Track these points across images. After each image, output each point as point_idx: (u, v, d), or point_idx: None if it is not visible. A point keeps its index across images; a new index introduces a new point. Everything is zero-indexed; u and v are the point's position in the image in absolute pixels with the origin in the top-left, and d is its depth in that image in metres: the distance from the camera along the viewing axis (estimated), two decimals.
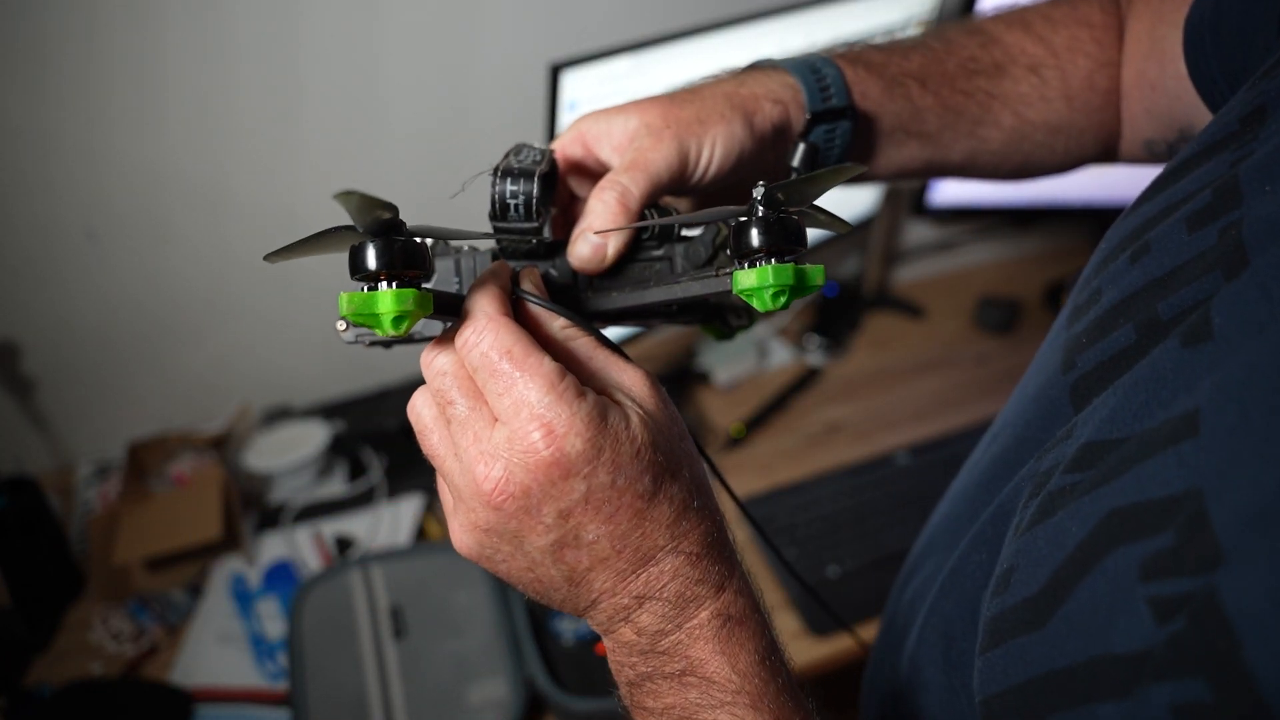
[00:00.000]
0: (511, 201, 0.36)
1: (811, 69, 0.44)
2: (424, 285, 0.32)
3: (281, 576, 0.96)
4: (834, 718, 0.51)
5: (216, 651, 0.89)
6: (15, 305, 0.98)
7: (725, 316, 0.45)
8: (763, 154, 0.42)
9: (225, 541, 0.95)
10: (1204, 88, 0.42)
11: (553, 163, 0.38)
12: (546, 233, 0.39)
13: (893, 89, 0.45)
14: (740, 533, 1.01)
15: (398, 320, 0.31)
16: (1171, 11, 0.44)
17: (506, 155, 0.37)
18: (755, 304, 0.32)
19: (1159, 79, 0.45)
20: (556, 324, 0.34)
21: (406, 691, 0.80)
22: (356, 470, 1.07)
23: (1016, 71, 0.48)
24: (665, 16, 0.97)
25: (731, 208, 0.33)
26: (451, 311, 0.34)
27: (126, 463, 1.00)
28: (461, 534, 0.33)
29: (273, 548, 0.99)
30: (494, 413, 0.32)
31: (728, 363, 1.23)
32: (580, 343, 0.34)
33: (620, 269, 0.40)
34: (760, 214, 0.32)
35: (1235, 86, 0.38)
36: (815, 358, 1.28)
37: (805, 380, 1.23)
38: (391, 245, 0.31)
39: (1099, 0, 0.49)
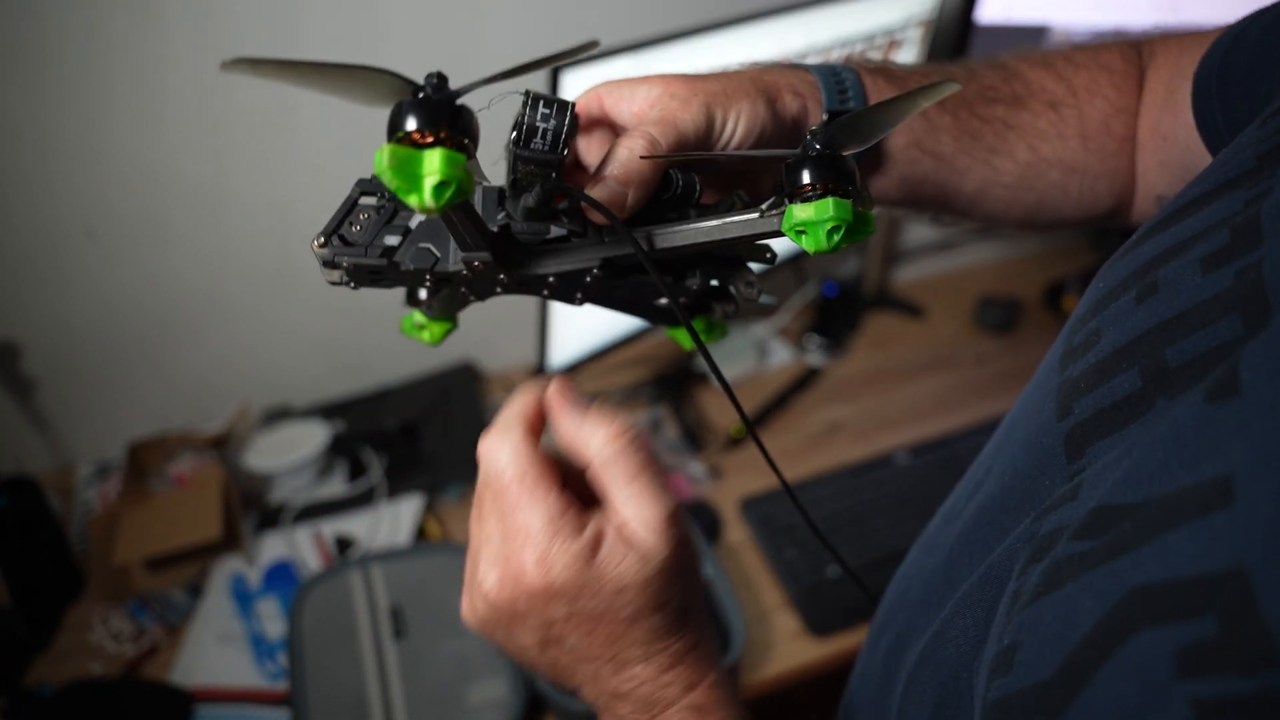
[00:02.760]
0: (541, 126, 0.34)
1: (831, 71, 0.44)
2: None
3: (281, 576, 0.96)
4: (834, 718, 0.51)
5: (216, 651, 0.89)
6: (15, 305, 0.98)
7: (727, 291, 0.42)
8: (780, 140, 0.42)
9: (225, 541, 0.95)
10: (1210, 138, 0.42)
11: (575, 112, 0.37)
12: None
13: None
14: (740, 533, 1.01)
15: (440, 188, 0.27)
16: (1188, 65, 0.44)
17: (529, 94, 0.35)
18: (807, 242, 0.31)
19: (1172, 130, 0.45)
20: (600, 436, 0.35)
21: (406, 691, 0.80)
22: (356, 470, 1.07)
23: (1035, 106, 0.47)
24: (665, 16, 0.97)
25: (782, 150, 0.32)
26: (465, 231, 0.33)
27: (126, 463, 1.00)
28: (467, 609, 0.37)
29: (273, 548, 0.99)
30: (500, 527, 0.35)
31: (728, 363, 1.23)
32: (620, 466, 0.35)
33: (630, 226, 0.38)
34: (817, 149, 0.31)
35: (1237, 135, 0.37)
36: (815, 358, 1.28)
37: (805, 380, 1.23)
38: (451, 102, 0.28)
39: (1121, 49, 0.49)
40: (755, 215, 0.34)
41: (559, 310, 0.97)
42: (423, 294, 0.41)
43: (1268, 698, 0.19)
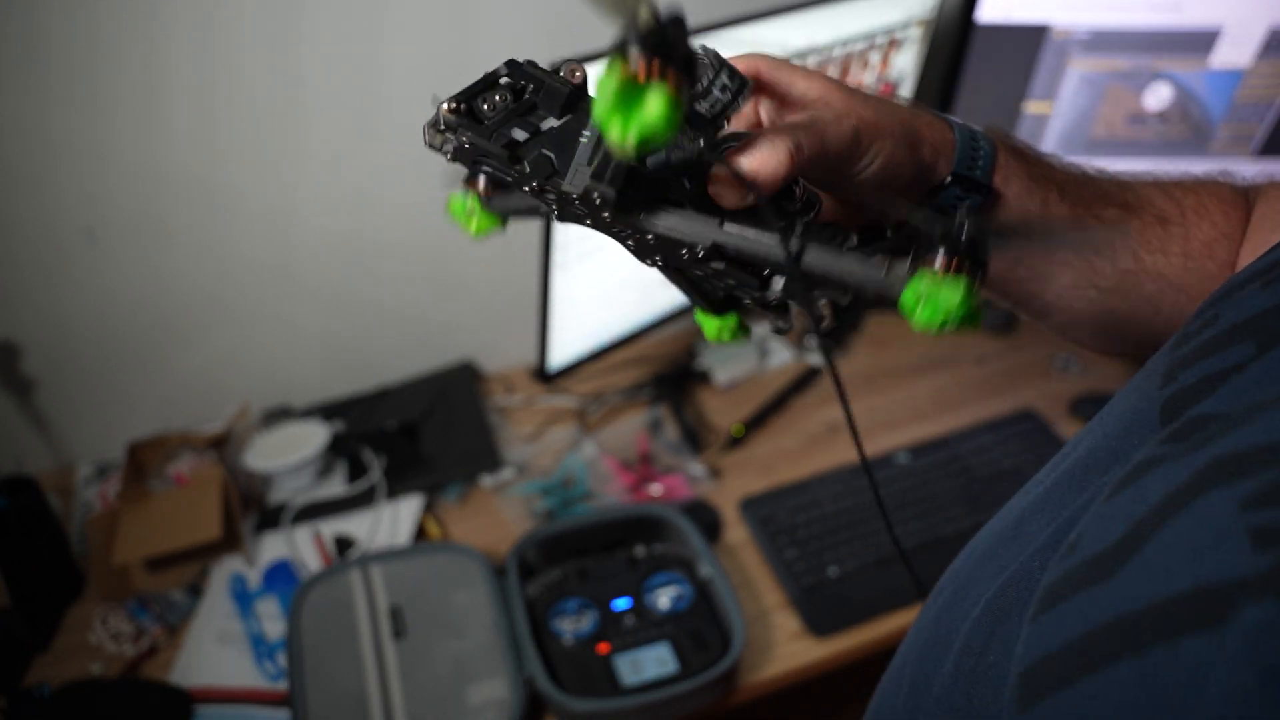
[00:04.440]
0: (716, 92, 0.33)
1: (970, 136, 0.44)
2: None
3: (281, 576, 0.96)
4: (834, 717, 0.50)
5: (216, 651, 0.89)
6: (15, 305, 0.98)
7: (786, 308, 0.40)
8: (908, 187, 0.42)
9: (225, 541, 0.95)
10: None
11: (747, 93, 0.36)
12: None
13: (1034, 186, 0.45)
14: (740, 533, 1.01)
15: (646, 135, 0.26)
16: None
17: (715, 58, 0.34)
18: (920, 314, 0.30)
19: None
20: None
21: (406, 691, 0.80)
22: (356, 470, 1.07)
23: (1146, 217, 0.47)
24: None
25: (927, 212, 0.31)
26: (607, 163, 0.32)
27: (126, 463, 1.00)
28: None
29: (272, 548, 0.99)
30: None
31: (728, 363, 1.23)
32: None
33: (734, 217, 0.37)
34: (966, 227, 0.29)
35: None
36: (815, 358, 1.28)
37: (805, 380, 1.23)
38: (690, 52, 0.27)
39: (1230, 183, 0.50)
40: (880, 271, 0.33)
41: (559, 310, 0.97)
42: (481, 183, 0.37)
43: None
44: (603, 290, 1.00)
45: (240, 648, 0.89)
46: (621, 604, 0.88)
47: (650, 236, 0.35)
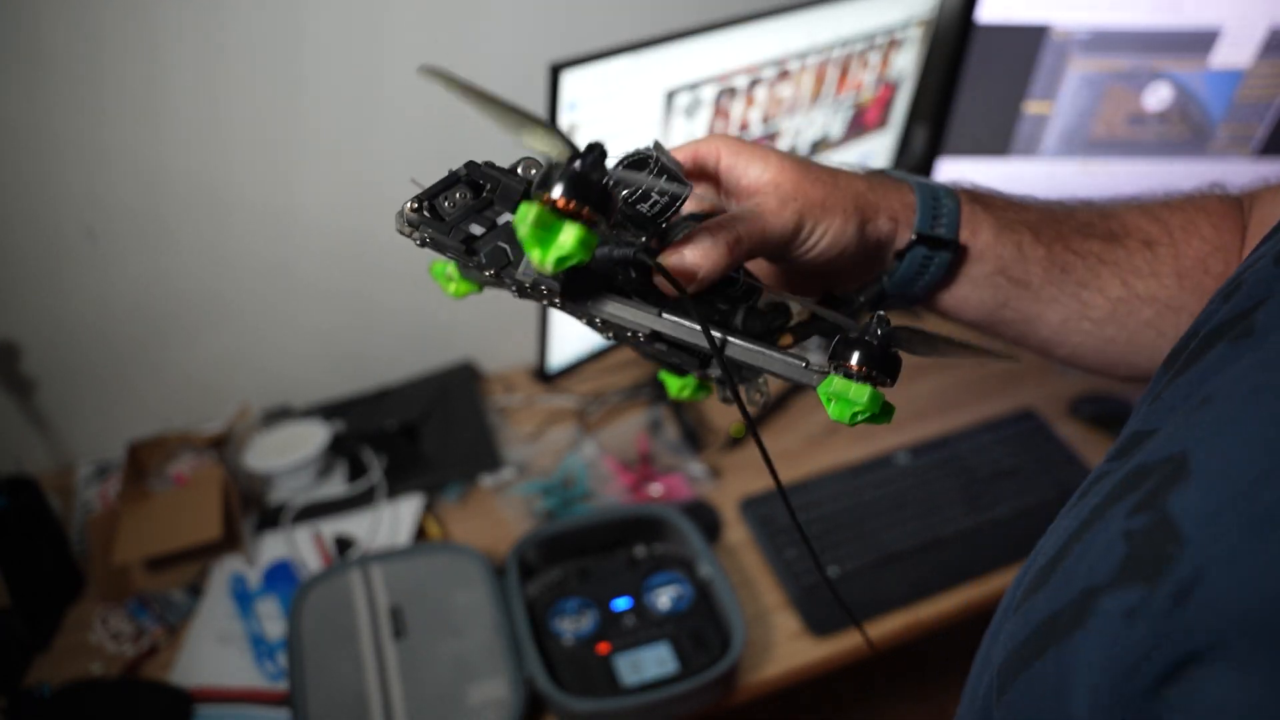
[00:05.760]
0: (657, 195, 0.37)
1: (932, 195, 0.45)
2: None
3: (281, 576, 0.96)
4: (834, 717, 0.51)
5: (216, 651, 0.89)
6: (15, 305, 0.98)
7: (749, 385, 0.45)
8: (861, 258, 0.45)
9: (225, 541, 0.95)
10: None
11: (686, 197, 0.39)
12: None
13: (1004, 232, 0.46)
14: (740, 533, 1.01)
15: (562, 260, 0.29)
16: None
17: (658, 158, 0.37)
18: (832, 411, 0.35)
19: None
20: None
21: (406, 691, 0.80)
22: (356, 470, 1.07)
23: (1130, 244, 0.48)
24: (665, 16, 0.97)
25: (846, 320, 0.36)
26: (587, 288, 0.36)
27: (126, 463, 1.00)
28: None
29: (273, 548, 0.99)
30: None
31: None
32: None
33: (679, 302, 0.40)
34: (878, 337, 0.34)
35: None
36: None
37: None
38: (604, 185, 0.30)
39: (1218, 195, 0.49)
40: (801, 364, 0.37)
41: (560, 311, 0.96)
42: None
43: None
44: None
45: (240, 648, 0.89)
46: (621, 604, 0.88)
47: (598, 320, 0.39)
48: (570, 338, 1.03)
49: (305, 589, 0.88)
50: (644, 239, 0.38)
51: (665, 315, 0.38)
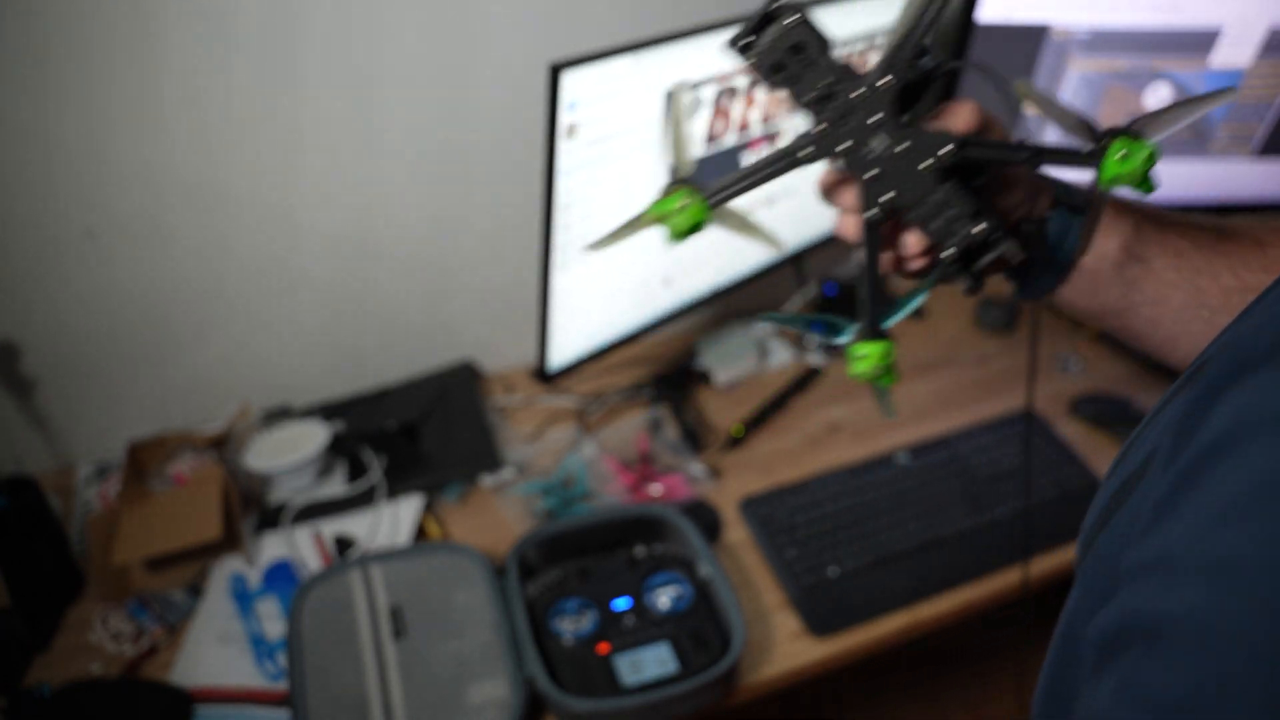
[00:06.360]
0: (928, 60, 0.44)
1: (1064, 185, 0.50)
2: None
3: (281, 576, 0.96)
4: (834, 717, 0.51)
5: (216, 651, 0.89)
6: (15, 305, 0.98)
7: (972, 267, 0.47)
8: (1030, 189, 0.50)
9: (225, 541, 0.95)
10: None
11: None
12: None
13: (1121, 213, 0.49)
14: (740, 533, 1.01)
15: (681, 230, 0.44)
16: None
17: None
18: (1125, 165, 0.42)
19: None
20: None
21: (406, 691, 0.80)
22: (356, 470, 1.07)
23: (1242, 240, 0.49)
24: (665, 16, 0.97)
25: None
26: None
27: (126, 463, 1.00)
28: None
29: (273, 548, 0.99)
30: None
31: (728, 363, 1.23)
32: None
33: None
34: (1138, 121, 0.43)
35: None
36: (815, 358, 1.28)
37: (805, 380, 1.23)
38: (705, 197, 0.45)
39: None
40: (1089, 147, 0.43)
41: (559, 310, 0.96)
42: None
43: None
44: (603, 290, 1.00)
45: (240, 648, 0.89)
46: (621, 604, 0.88)
47: (906, 145, 0.44)
48: (570, 338, 1.03)
49: (305, 589, 0.88)
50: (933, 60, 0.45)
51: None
